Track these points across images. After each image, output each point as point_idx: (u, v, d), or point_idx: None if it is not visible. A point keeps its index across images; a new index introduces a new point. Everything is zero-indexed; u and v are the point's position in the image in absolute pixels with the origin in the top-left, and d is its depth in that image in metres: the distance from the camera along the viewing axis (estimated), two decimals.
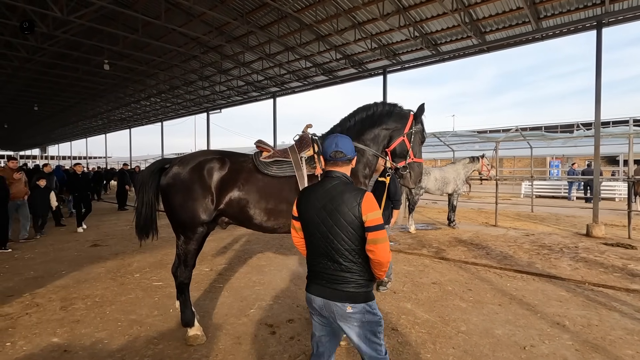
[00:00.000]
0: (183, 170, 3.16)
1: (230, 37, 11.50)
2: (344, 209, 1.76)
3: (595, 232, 7.67)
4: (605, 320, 3.63)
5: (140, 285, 4.80)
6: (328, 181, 1.88)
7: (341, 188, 1.82)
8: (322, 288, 1.82)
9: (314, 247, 1.85)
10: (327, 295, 1.80)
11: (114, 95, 19.35)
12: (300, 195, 1.95)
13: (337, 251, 1.78)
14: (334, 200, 1.78)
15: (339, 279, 1.80)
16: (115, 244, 7.35)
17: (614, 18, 7.91)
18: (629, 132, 8.77)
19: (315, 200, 1.84)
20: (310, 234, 1.85)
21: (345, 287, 1.79)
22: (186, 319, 3.25)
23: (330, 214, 1.77)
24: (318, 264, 1.85)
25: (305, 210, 1.86)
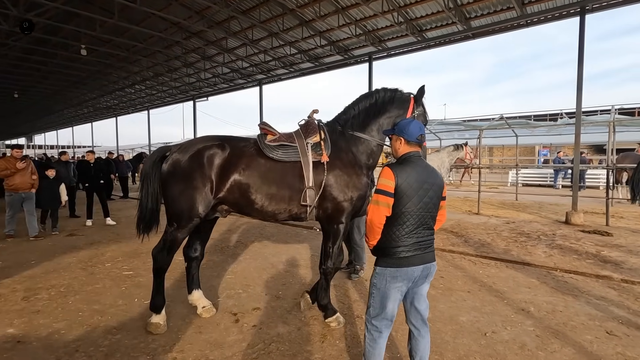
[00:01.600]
0: (183, 158, 3.06)
1: (212, 22, 11.20)
2: (439, 182, 2.14)
3: (574, 219, 7.74)
4: (571, 307, 3.65)
5: (110, 275, 4.72)
6: (419, 160, 2.16)
7: (428, 165, 2.18)
8: (423, 255, 2.08)
9: (413, 219, 2.05)
10: (427, 259, 2.10)
11: (97, 82, 18.89)
12: (398, 172, 2.04)
13: (432, 219, 2.13)
14: (432, 175, 2.12)
15: (431, 242, 2.14)
16: (92, 234, 7.23)
17: (598, 4, 7.83)
18: (610, 120, 8.79)
19: (420, 176, 2.07)
20: (412, 207, 2.03)
21: (433, 247, 2.18)
22: (155, 304, 3.20)
23: (432, 187, 2.08)
24: (414, 235, 2.06)
25: (409, 186, 2.02)
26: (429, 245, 2.12)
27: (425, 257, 2.09)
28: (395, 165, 2.10)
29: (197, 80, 17.45)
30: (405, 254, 2.04)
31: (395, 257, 2.05)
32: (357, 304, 3.76)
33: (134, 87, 19.77)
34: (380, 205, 2.03)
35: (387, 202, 2.02)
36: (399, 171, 2.04)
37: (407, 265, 2.04)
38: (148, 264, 5.19)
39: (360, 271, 4.59)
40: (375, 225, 2.06)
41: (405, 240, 2.05)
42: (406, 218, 2.04)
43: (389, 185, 2.01)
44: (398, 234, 2.05)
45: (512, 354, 2.78)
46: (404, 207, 2.02)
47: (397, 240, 2.05)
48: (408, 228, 2.05)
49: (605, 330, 3.13)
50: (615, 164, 9.05)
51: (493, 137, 18.21)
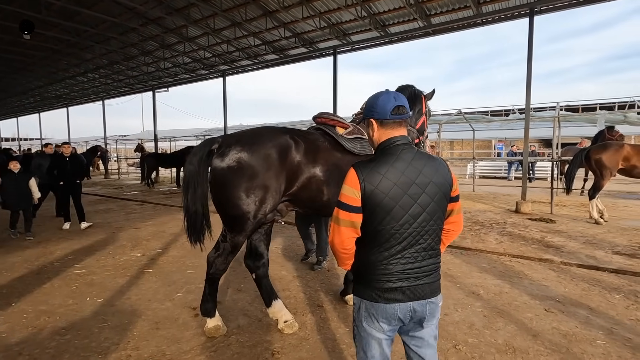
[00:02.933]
0: (249, 152, 2.66)
1: (171, 9, 10.71)
2: (441, 180, 1.48)
3: (523, 208, 8.29)
4: (515, 288, 3.93)
5: (59, 274, 4.46)
6: (404, 150, 1.47)
7: (423, 155, 1.49)
8: (413, 288, 1.46)
9: (396, 239, 1.43)
10: (420, 294, 1.47)
11: (44, 69, 17.51)
12: (367, 174, 1.42)
13: (432, 233, 1.48)
14: (427, 170, 1.46)
15: (430, 268, 1.50)
16: (41, 232, 6.76)
17: (545, 6, 8.34)
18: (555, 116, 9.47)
19: (404, 174, 1.43)
20: (392, 223, 1.42)
21: (436, 275, 1.53)
22: (207, 308, 2.95)
23: (427, 188, 1.44)
24: (400, 260, 1.45)
25: (383, 192, 1.40)
26: (427, 274, 1.49)
27: (417, 290, 1.46)
28: (364, 164, 1.46)
29: (157, 69, 16.66)
30: (384, 284, 1.45)
31: (372, 286, 1.47)
32: (318, 293, 3.83)
33: (87, 76, 18.52)
34: (341, 225, 1.45)
35: (350, 219, 1.44)
36: (367, 172, 1.42)
37: (385, 301, 1.45)
38: (102, 261, 4.98)
39: (323, 262, 4.66)
40: (339, 250, 1.51)
41: (386, 267, 1.45)
42: (384, 238, 1.44)
43: (351, 197, 1.42)
44: (375, 258, 1.47)
45: (462, 334, 2.96)
46: (379, 225, 1.42)
47: (375, 266, 1.47)
48: (388, 252, 1.45)
49: (544, 308, 3.41)
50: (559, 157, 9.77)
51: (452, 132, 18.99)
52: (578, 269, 4.54)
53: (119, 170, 21.10)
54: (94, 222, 7.41)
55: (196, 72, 16.67)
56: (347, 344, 2.82)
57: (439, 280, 1.55)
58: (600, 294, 3.74)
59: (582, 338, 2.86)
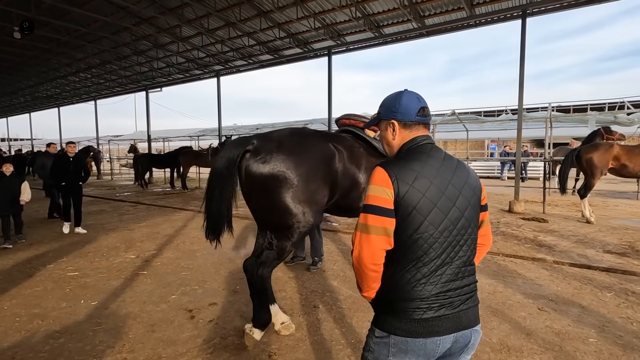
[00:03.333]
0: (296, 161, 2.58)
1: (164, 8, 10.63)
2: (474, 182, 1.29)
3: (516, 208, 8.38)
4: (509, 287, 3.98)
5: (52, 277, 4.40)
6: (433, 149, 1.30)
7: (452, 156, 1.33)
8: (457, 315, 1.21)
9: (435, 251, 1.20)
10: (464, 322, 1.22)
11: (34, 69, 17.26)
12: (399, 172, 1.21)
13: (471, 244, 1.27)
14: (459, 170, 1.28)
15: (472, 288, 1.26)
16: (32, 233, 6.67)
17: (537, 8, 8.44)
18: (547, 117, 9.59)
19: (440, 173, 1.24)
20: (431, 229, 1.19)
21: (477, 299, 1.29)
22: (262, 320, 2.80)
23: (463, 190, 1.25)
24: (439, 278, 1.20)
25: (420, 192, 1.19)
26: (469, 296, 1.25)
27: (462, 317, 1.22)
28: (393, 163, 1.26)
29: (150, 69, 16.52)
30: (423, 314, 1.18)
31: (407, 317, 1.19)
32: (314, 294, 3.83)
33: (78, 75, 18.30)
34: (372, 234, 1.19)
35: (383, 225, 1.19)
36: (400, 171, 1.21)
37: (426, 335, 1.18)
38: (95, 263, 4.93)
39: (318, 263, 4.66)
40: (368, 267, 1.22)
41: (423, 289, 1.19)
42: (422, 250, 1.20)
43: (382, 197, 1.19)
44: (409, 277, 1.21)
45: None
46: (415, 232, 1.19)
47: (410, 288, 1.20)
48: (427, 267, 1.20)
49: (537, 307, 3.45)
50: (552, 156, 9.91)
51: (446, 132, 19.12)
52: (570, 268, 4.60)
53: (112, 170, 20.90)
54: (86, 223, 7.32)
55: (190, 72, 16.57)
56: (344, 345, 2.83)
57: (479, 302, 1.31)
58: (592, 292, 3.80)
59: (574, 336, 2.91)
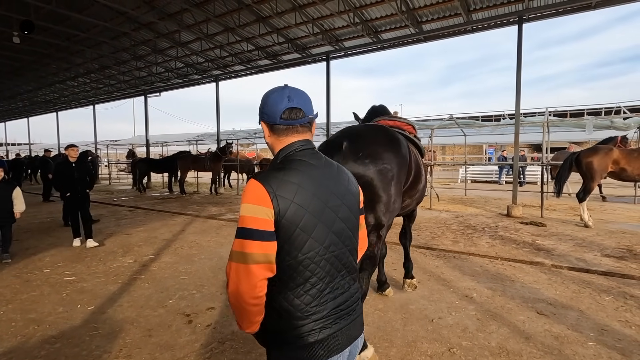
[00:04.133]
0: (397, 159, 2.66)
1: (164, 14, 10.70)
2: (353, 188, 1.22)
3: (514, 212, 8.40)
4: (508, 291, 3.97)
5: (49, 281, 4.37)
6: (312, 155, 1.18)
7: (331, 161, 1.24)
8: (349, 328, 1.15)
9: (323, 268, 1.11)
10: (355, 332, 1.18)
11: (33, 73, 17.28)
12: (277, 186, 1.06)
13: (354, 252, 1.21)
14: (339, 176, 1.20)
15: (357, 297, 1.22)
16: (29, 238, 6.64)
17: (533, 14, 8.53)
18: (544, 121, 9.65)
19: (321, 183, 1.13)
20: (316, 247, 1.09)
21: (360, 307, 1.24)
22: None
23: (345, 199, 1.18)
24: (331, 293, 1.13)
25: (303, 208, 1.07)
26: (357, 304, 1.21)
27: (352, 329, 1.17)
28: (271, 175, 1.09)
29: (149, 74, 16.57)
30: (319, 334, 1.08)
31: (304, 344, 1.08)
32: None
33: (77, 80, 18.33)
34: (250, 263, 1.03)
35: (264, 252, 1.03)
36: (279, 185, 1.06)
37: (326, 355, 1.09)
38: (93, 268, 4.90)
39: None
40: (248, 302, 1.06)
41: (315, 311, 1.09)
42: (310, 270, 1.09)
43: (261, 218, 1.03)
44: (299, 303, 1.09)
45: (455, 337, 2.97)
46: (300, 252, 1.07)
47: (300, 315, 1.08)
48: (317, 287, 1.10)
49: (536, 311, 3.45)
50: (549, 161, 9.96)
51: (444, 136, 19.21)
52: (568, 272, 4.61)
53: (110, 175, 20.85)
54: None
55: (189, 77, 16.62)
56: None
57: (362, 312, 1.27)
58: (591, 296, 3.80)
59: (573, 340, 2.90)
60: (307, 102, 1.20)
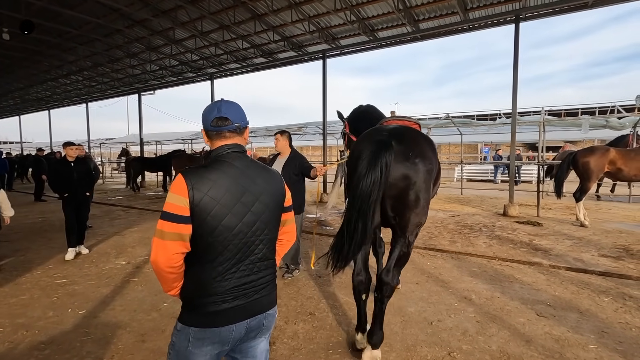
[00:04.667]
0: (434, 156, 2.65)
1: (158, 11, 10.53)
2: (274, 189, 1.47)
3: (510, 211, 8.39)
4: (507, 292, 3.94)
5: (39, 284, 4.27)
6: (237, 158, 1.44)
7: (257, 165, 1.49)
8: (249, 304, 1.39)
9: (230, 251, 1.35)
10: (256, 310, 1.41)
11: (24, 71, 16.99)
12: (196, 181, 1.33)
13: (267, 242, 1.46)
14: (260, 179, 1.44)
15: (267, 280, 1.47)
16: (19, 239, 6.50)
17: (530, 13, 8.51)
18: (540, 120, 9.66)
19: (236, 182, 1.37)
20: (225, 233, 1.33)
21: (272, 287, 1.50)
22: (381, 337, 2.65)
23: (261, 197, 1.42)
24: (234, 274, 1.36)
25: (215, 200, 1.32)
26: (263, 287, 1.44)
27: (254, 306, 1.40)
28: (194, 171, 1.36)
29: (143, 72, 16.36)
30: (218, 306, 1.34)
31: (203, 311, 1.34)
32: (310, 301, 3.75)
33: (70, 78, 18.06)
34: (167, 240, 1.29)
35: (178, 232, 1.29)
36: (197, 180, 1.33)
37: (221, 324, 1.34)
38: (85, 270, 4.80)
39: (294, 271, 4.54)
40: (164, 270, 1.32)
41: (218, 285, 1.34)
42: (218, 250, 1.34)
43: (178, 205, 1.30)
44: (208, 275, 1.34)
45: (455, 340, 2.93)
46: (211, 236, 1.32)
47: (205, 287, 1.34)
48: (222, 265, 1.34)
49: (536, 313, 3.41)
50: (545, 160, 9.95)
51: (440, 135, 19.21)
52: (566, 272, 4.59)
53: (103, 174, 20.61)
54: None
55: (183, 75, 16.44)
56: (341, 354, 2.76)
57: (275, 290, 1.52)
58: (590, 297, 3.78)
59: (574, 343, 2.87)
60: (235, 113, 1.46)
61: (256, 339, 1.46)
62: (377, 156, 2.34)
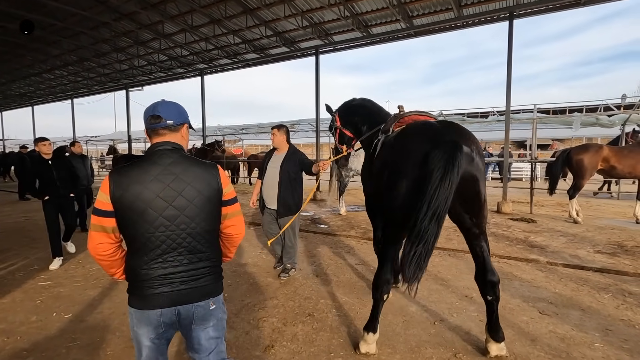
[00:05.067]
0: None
1: (146, 4, 10.24)
2: (200, 184, 1.52)
3: (504, 208, 8.41)
4: (507, 290, 3.88)
5: (22, 287, 4.05)
6: (163, 154, 1.52)
7: (186, 161, 1.54)
8: (174, 293, 1.48)
9: (152, 243, 1.45)
10: (183, 298, 1.49)
11: (6, 65, 16.43)
12: (117, 178, 1.45)
13: (196, 236, 1.51)
14: (183, 175, 1.50)
15: (200, 272, 1.54)
16: (1, 240, 6.22)
17: (524, 10, 8.52)
18: (533, 118, 9.71)
19: (157, 179, 1.46)
20: (146, 226, 1.44)
21: (207, 279, 1.56)
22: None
23: (184, 192, 1.48)
24: (163, 263, 1.47)
25: (135, 196, 1.42)
26: (193, 279, 1.51)
27: (180, 296, 1.48)
28: (118, 169, 1.50)
29: (130, 67, 15.97)
30: (146, 292, 1.46)
31: (137, 293, 1.49)
32: (308, 301, 3.64)
33: (54, 73, 17.54)
34: (92, 231, 1.46)
35: (100, 224, 1.44)
36: (119, 178, 1.44)
37: (148, 308, 1.46)
38: (71, 271, 4.59)
39: (290, 270, 4.35)
40: (96, 257, 1.50)
41: (145, 273, 1.46)
42: (141, 242, 1.45)
43: (102, 201, 1.44)
44: (136, 264, 1.48)
45: (460, 341, 2.85)
46: (133, 228, 1.44)
47: (138, 272, 1.48)
48: (148, 255, 1.46)
49: (538, 311, 3.36)
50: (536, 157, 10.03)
51: None
52: (564, 269, 4.57)
53: None
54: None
55: (172, 71, 16.11)
56: (343, 357, 2.65)
57: (213, 284, 1.58)
58: (590, 294, 3.75)
59: (580, 341, 2.81)
60: (169, 111, 1.56)
61: (197, 328, 1.55)
62: (453, 158, 2.20)
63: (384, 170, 2.71)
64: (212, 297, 1.57)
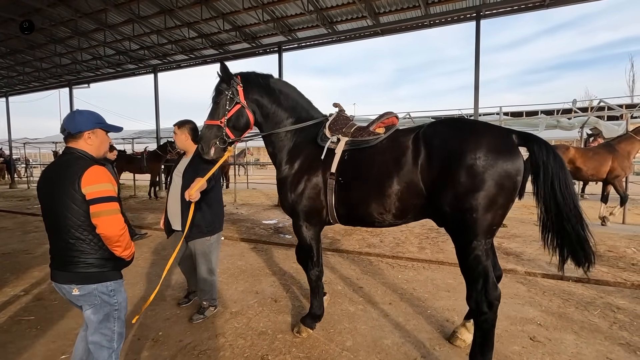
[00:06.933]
0: None
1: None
2: (62, 183, 1.74)
3: None
4: None
5: None
6: (61, 157, 1.87)
7: (64, 162, 1.81)
8: (53, 272, 1.82)
9: (48, 228, 1.82)
10: (57, 278, 1.80)
11: None
12: (39, 178, 1.90)
13: (63, 228, 1.74)
14: (53, 174, 1.81)
15: (69, 261, 1.76)
16: None
17: (490, 11, 8.40)
18: (500, 120, 9.68)
19: (42, 176, 1.86)
20: (43, 212, 1.83)
21: (74, 267, 1.76)
22: None
23: (52, 190, 1.76)
24: (53, 245, 1.82)
25: (39, 188, 1.85)
26: (66, 264, 1.76)
27: (55, 275, 1.80)
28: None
29: (73, 61, 14.40)
30: (48, 266, 1.90)
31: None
32: (262, 338, 2.98)
33: None
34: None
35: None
36: (39, 178, 1.92)
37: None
38: None
39: (208, 309, 3.33)
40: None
41: (50, 248, 1.87)
42: (45, 223, 1.87)
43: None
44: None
45: None
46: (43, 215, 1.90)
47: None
48: (49, 238, 1.84)
49: (529, 337, 2.93)
50: None
51: None
52: (544, 280, 4.26)
53: (29, 178, 18.07)
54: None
55: (122, 67, 14.76)
56: None
57: (80, 274, 1.76)
58: (578, 311, 3.40)
59: None
60: (69, 122, 1.85)
61: (81, 306, 1.85)
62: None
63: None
64: (77, 283, 1.79)
